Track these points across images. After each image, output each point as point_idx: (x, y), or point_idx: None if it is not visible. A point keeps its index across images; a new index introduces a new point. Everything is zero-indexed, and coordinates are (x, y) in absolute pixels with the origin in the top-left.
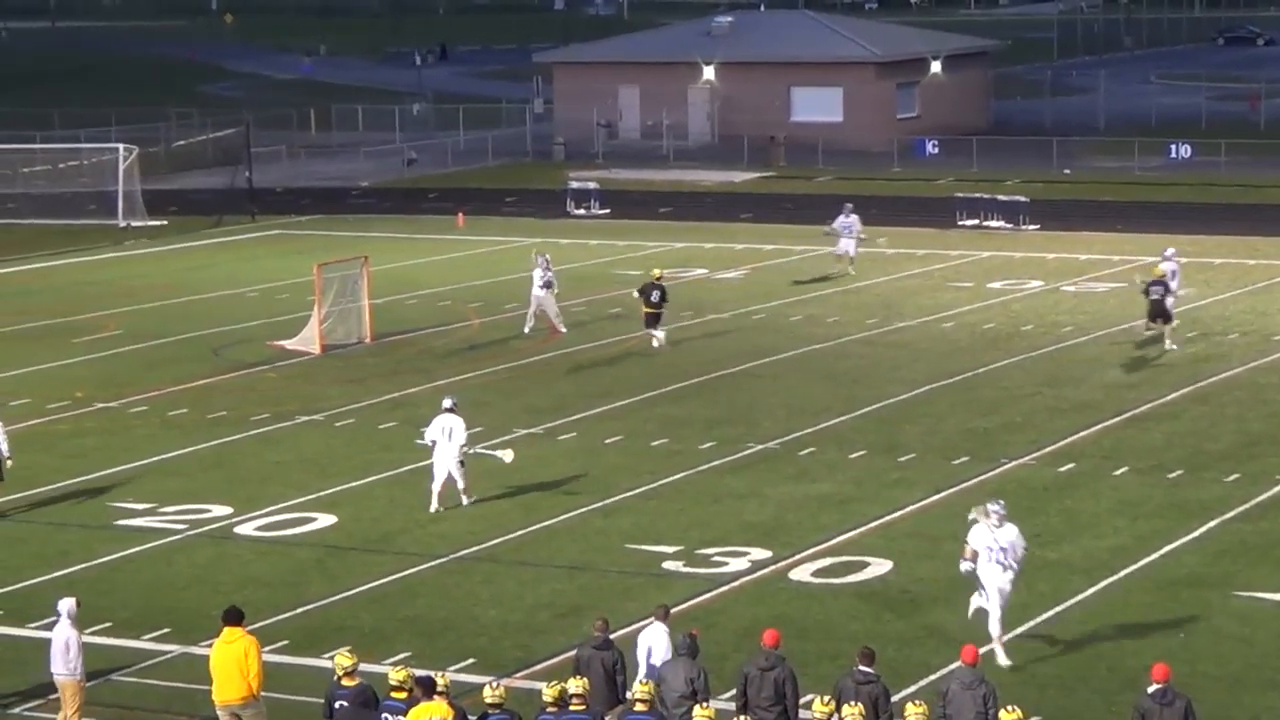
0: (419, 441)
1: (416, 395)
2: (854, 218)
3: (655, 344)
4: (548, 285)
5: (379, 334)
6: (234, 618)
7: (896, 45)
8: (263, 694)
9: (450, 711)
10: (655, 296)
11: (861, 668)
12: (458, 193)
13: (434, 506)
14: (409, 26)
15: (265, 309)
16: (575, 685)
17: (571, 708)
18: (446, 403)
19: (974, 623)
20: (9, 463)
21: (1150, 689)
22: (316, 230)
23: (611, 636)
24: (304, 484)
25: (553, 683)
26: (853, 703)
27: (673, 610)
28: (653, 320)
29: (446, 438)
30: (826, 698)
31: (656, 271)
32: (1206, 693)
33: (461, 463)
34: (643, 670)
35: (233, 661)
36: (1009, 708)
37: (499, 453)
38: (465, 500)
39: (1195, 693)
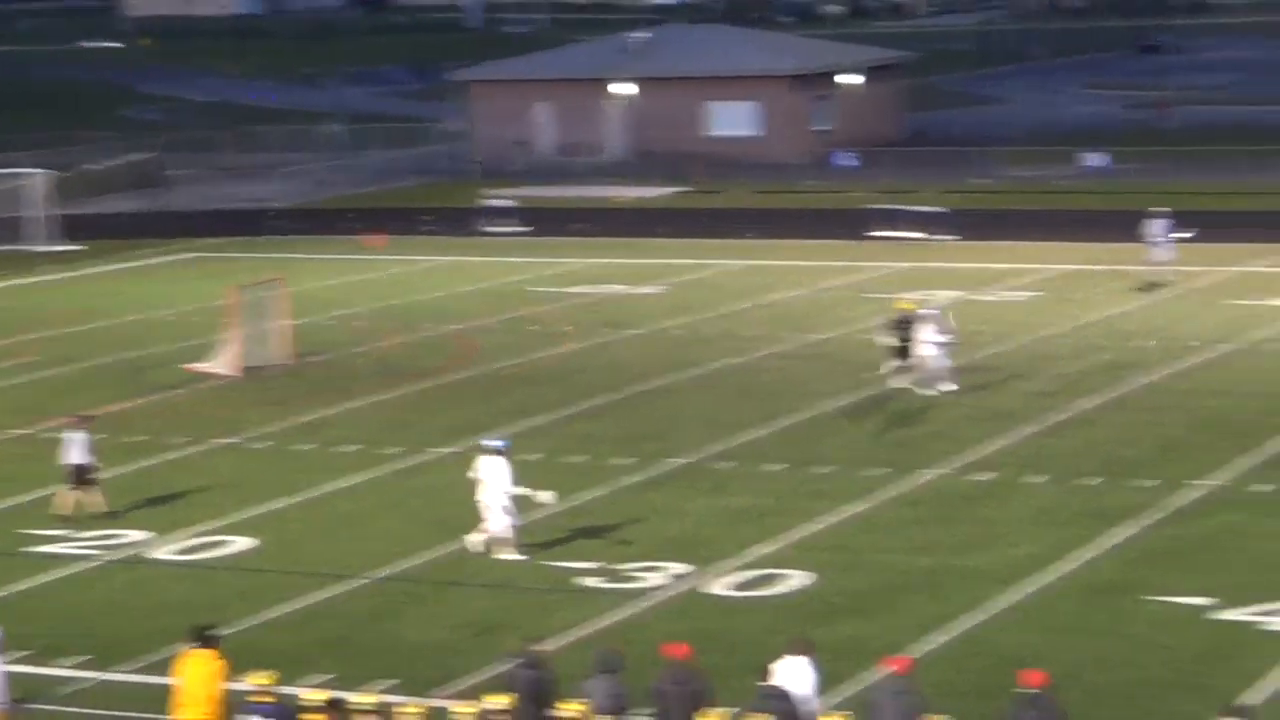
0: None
1: (335, 416)
2: (1167, 222)
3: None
4: None
5: (296, 356)
6: (206, 640)
7: (812, 58)
8: None
9: None
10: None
11: (767, 683)
12: (373, 213)
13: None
14: (326, 48)
15: (182, 332)
16: (498, 702)
17: None
18: (497, 444)
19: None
20: None
21: (1023, 692)
22: (233, 252)
23: (540, 654)
24: (223, 507)
25: (476, 702)
26: (762, 715)
27: (590, 626)
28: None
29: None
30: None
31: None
32: (1124, 698)
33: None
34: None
35: (200, 682)
36: (933, 716)
37: (540, 494)
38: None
39: (1113, 698)
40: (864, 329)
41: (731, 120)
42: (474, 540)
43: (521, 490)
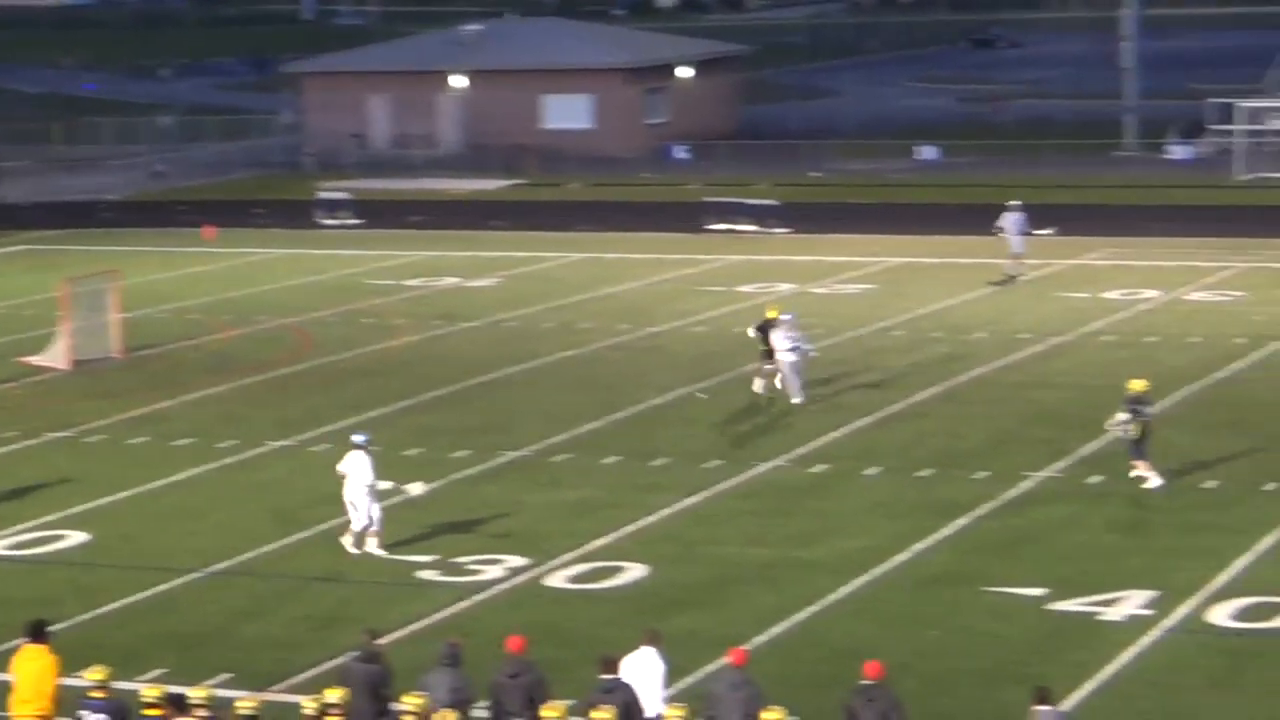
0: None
1: (167, 410)
2: (1022, 214)
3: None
4: None
5: (129, 349)
6: (38, 635)
7: (645, 52)
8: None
9: None
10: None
11: (604, 675)
12: (207, 205)
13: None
14: (157, 39)
15: (13, 325)
16: (332, 695)
17: (326, 718)
18: (357, 439)
19: None
20: None
21: (860, 684)
22: (65, 245)
23: (376, 648)
24: (56, 501)
25: (314, 696)
26: (602, 708)
27: (428, 619)
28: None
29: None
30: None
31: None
32: (960, 689)
33: (354, 504)
34: (655, 699)
35: (34, 678)
36: (771, 708)
37: (408, 485)
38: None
39: (948, 689)
40: (700, 321)
41: (566, 113)
42: (347, 542)
43: (388, 484)
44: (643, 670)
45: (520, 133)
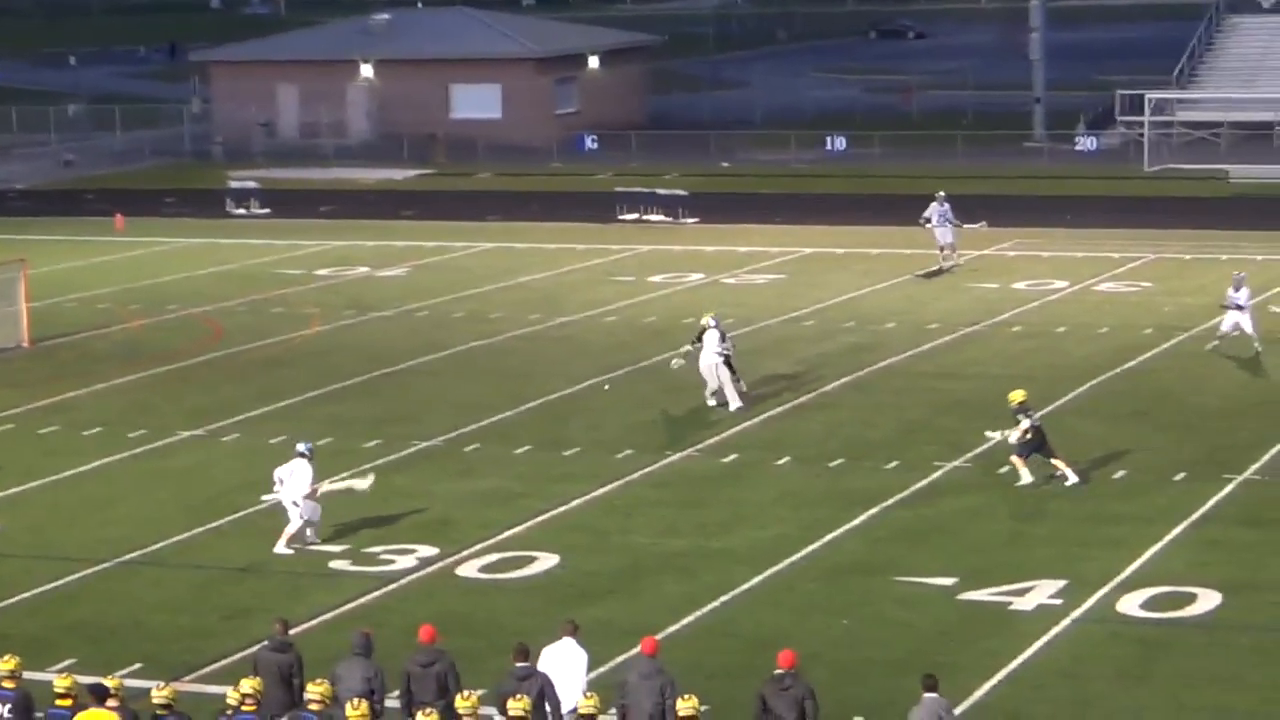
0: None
1: (76, 399)
2: (948, 205)
3: None
4: None
5: (37, 338)
6: None
7: (554, 41)
8: None
9: (118, 719)
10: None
11: (518, 664)
12: (116, 194)
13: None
14: (63, 26)
15: None
16: (247, 685)
17: (243, 708)
18: (300, 448)
19: None
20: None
21: (774, 673)
22: None
23: (290, 638)
24: None
25: (238, 685)
26: (517, 696)
27: (339, 609)
28: None
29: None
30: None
31: None
32: (871, 678)
33: (295, 504)
34: (576, 688)
35: None
36: (685, 696)
37: (354, 483)
38: (284, 546)
39: (860, 678)
40: (609, 310)
41: (475, 103)
42: (282, 547)
43: (338, 485)
44: (563, 661)
45: (430, 122)
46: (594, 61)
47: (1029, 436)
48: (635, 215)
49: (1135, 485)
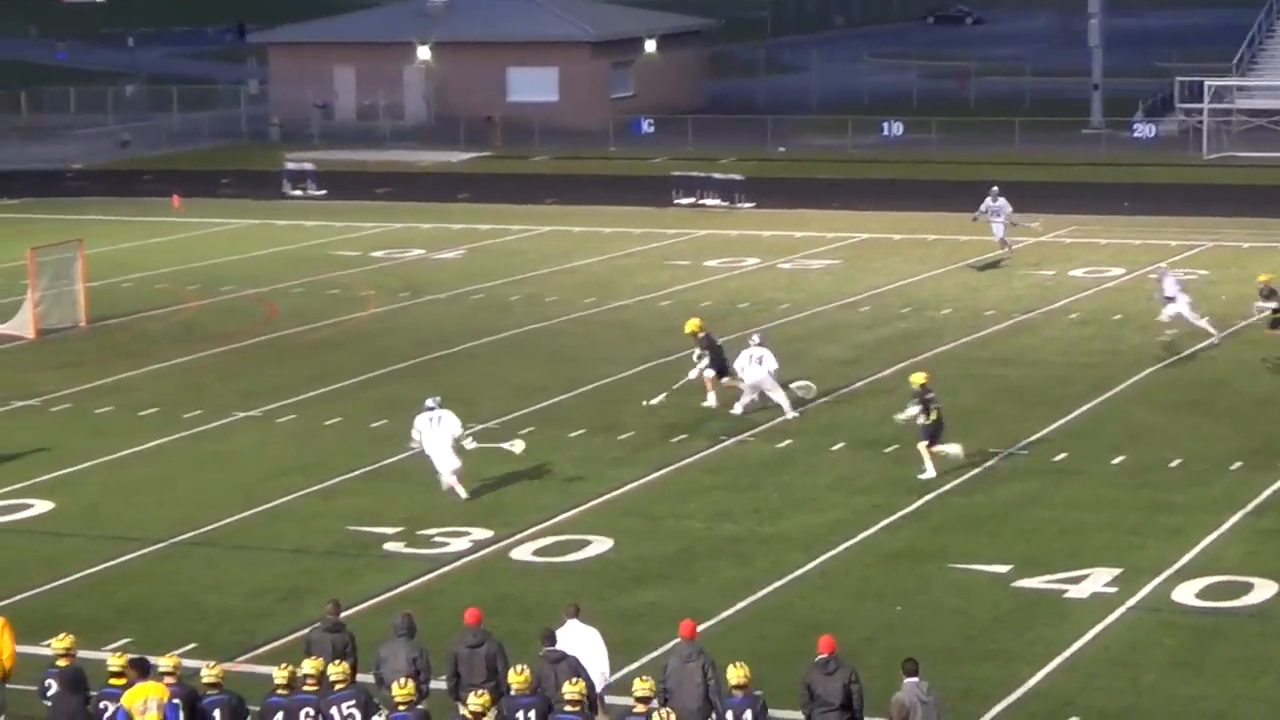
0: (411, 445)
1: (132, 379)
2: (1002, 200)
3: None
4: None
5: (94, 318)
6: None
7: (611, 25)
8: None
9: (165, 691)
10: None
11: (547, 648)
12: (173, 175)
13: (460, 494)
14: (125, 7)
15: None
16: (309, 666)
17: (305, 688)
18: (429, 403)
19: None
20: None
21: (817, 659)
22: (30, 213)
23: (343, 618)
24: (20, 470)
25: (284, 665)
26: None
27: (392, 592)
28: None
29: (436, 424)
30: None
31: None
32: (925, 664)
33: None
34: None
35: None
36: (737, 664)
37: (508, 444)
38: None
39: None
40: (664, 295)
41: (531, 86)
42: (461, 491)
43: (490, 445)
44: (575, 643)
45: (486, 105)
46: (650, 45)
47: (924, 421)
48: (691, 200)
49: (1191, 474)
